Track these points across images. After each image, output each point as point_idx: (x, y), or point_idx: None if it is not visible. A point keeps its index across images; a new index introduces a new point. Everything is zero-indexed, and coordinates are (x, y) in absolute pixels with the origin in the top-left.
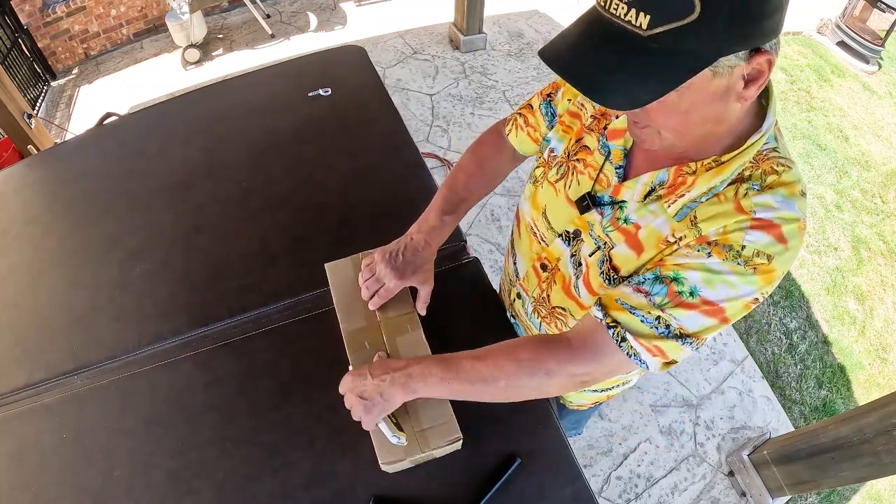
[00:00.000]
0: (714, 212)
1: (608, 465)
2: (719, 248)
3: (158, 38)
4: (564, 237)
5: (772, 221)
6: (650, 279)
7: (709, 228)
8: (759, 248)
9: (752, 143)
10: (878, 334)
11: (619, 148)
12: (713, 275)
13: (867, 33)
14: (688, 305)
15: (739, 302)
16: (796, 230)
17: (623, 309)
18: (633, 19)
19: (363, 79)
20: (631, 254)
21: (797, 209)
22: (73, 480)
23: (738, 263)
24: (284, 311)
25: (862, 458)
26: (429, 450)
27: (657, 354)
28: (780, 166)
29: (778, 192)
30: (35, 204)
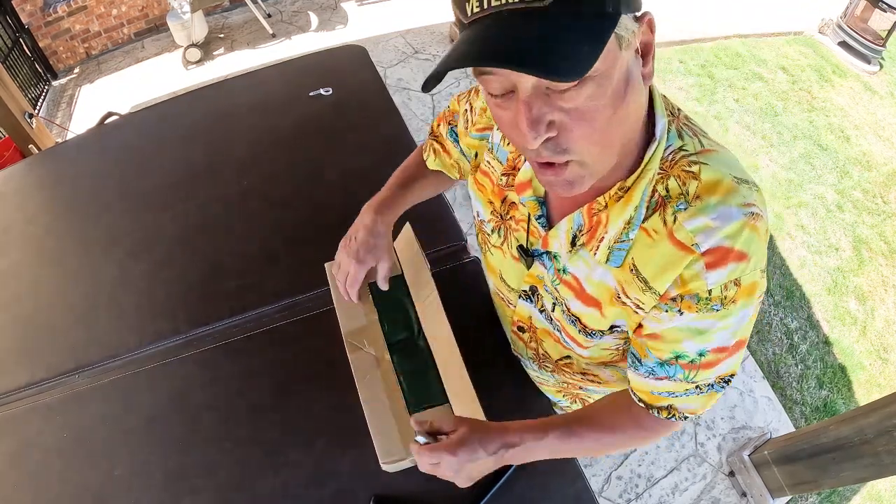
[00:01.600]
0: (655, 259)
1: (608, 464)
2: (688, 303)
3: (159, 37)
4: (524, 296)
5: (721, 247)
6: (656, 366)
7: (663, 285)
8: (723, 282)
9: (650, 155)
10: (879, 335)
11: (531, 200)
12: (703, 333)
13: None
14: (708, 364)
15: (743, 327)
16: (749, 233)
17: (665, 398)
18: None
19: (364, 78)
20: (592, 311)
21: (737, 210)
22: (73, 479)
23: (714, 309)
24: (284, 311)
25: (862, 459)
26: None
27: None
28: (693, 165)
29: (708, 203)
30: (36, 203)
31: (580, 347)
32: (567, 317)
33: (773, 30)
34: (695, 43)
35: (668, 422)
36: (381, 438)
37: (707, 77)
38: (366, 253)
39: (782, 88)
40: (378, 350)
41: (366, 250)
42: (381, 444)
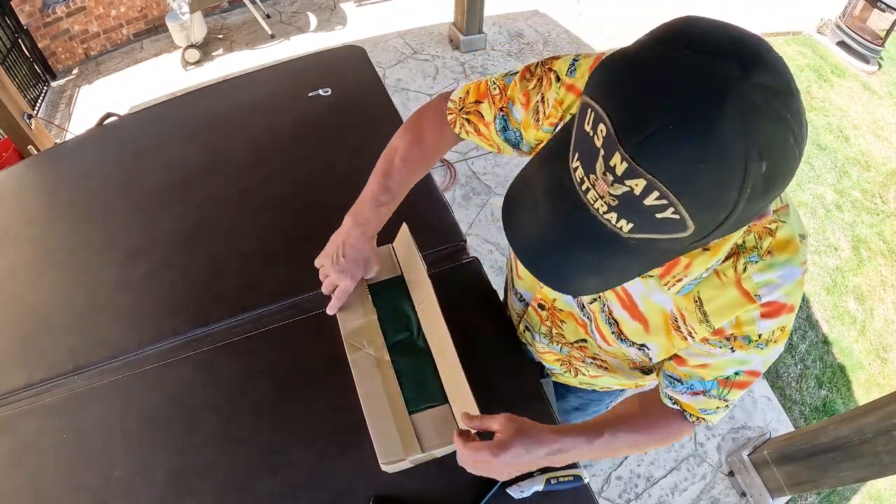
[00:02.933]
0: (719, 298)
1: (608, 464)
2: (740, 343)
3: (158, 38)
4: None
5: (778, 303)
6: (697, 383)
7: (720, 321)
8: (773, 328)
9: None
10: (879, 334)
11: None
12: (744, 363)
13: (867, 33)
14: (740, 384)
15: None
16: (800, 289)
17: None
18: (613, 220)
19: (363, 79)
20: (637, 326)
21: (798, 270)
22: (73, 480)
23: (759, 347)
24: (284, 311)
25: (862, 459)
26: (428, 450)
27: None
28: (773, 223)
29: (777, 260)
30: (35, 204)
31: (604, 342)
32: (605, 316)
33: (772, 30)
34: None
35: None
36: (381, 439)
37: None
38: (357, 269)
39: None
40: (377, 350)
41: (356, 267)
42: (381, 445)
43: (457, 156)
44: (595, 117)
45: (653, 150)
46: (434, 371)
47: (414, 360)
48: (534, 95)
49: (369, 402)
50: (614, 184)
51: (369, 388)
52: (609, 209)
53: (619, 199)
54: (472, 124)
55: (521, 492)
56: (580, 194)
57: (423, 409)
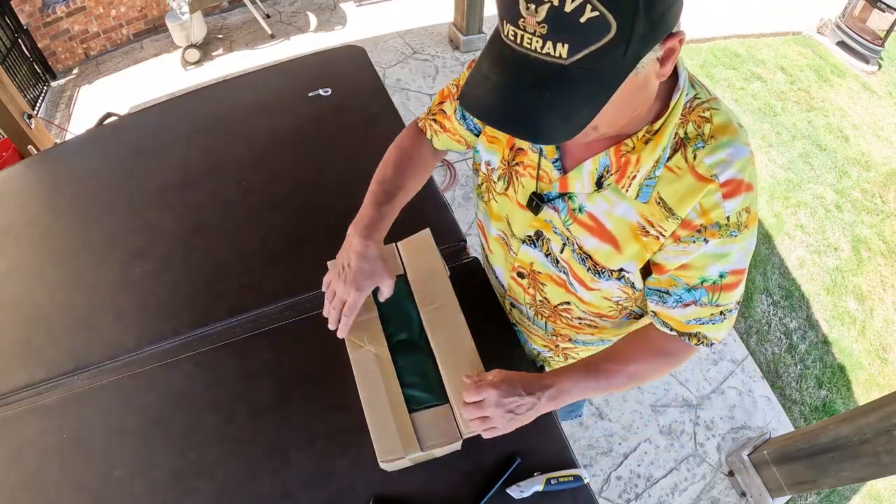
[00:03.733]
0: (678, 190)
1: (608, 464)
2: (711, 231)
3: (158, 38)
4: (528, 241)
5: (735, 179)
6: (684, 293)
7: (685, 210)
8: (739, 209)
9: (675, 102)
10: (878, 334)
11: None
12: (724, 256)
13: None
14: (728, 286)
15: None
16: (752, 167)
17: (694, 325)
18: (552, 51)
19: (363, 79)
20: (608, 248)
21: (743, 147)
22: (73, 480)
23: (732, 235)
24: (284, 311)
25: (862, 458)
26: (428, 449)
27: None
28: (707, 111)
29: (722, 141)
30: (35, 204)
31: (585, 289)
32: (578, 255)
33: (772, 30)
34: (693, 43)
35: (694, 347)
36: (380, 437)
37: (706, 77)
38: (364, 280)
39: (781, 88)
40: (379, 348)
41: (364, 277)
42: (380, 443)
43: (457, 156)
44: None
45: None
46: (435, 370)
47: (415, 358)
48: None
49: (370, 401)
50: (537, 9)
51: (370, 386)
52: (542, 40)
53: (547, 23)
54: (437, 123)
55: (521, 492)
56: (516, 47)
57: (423, 409)
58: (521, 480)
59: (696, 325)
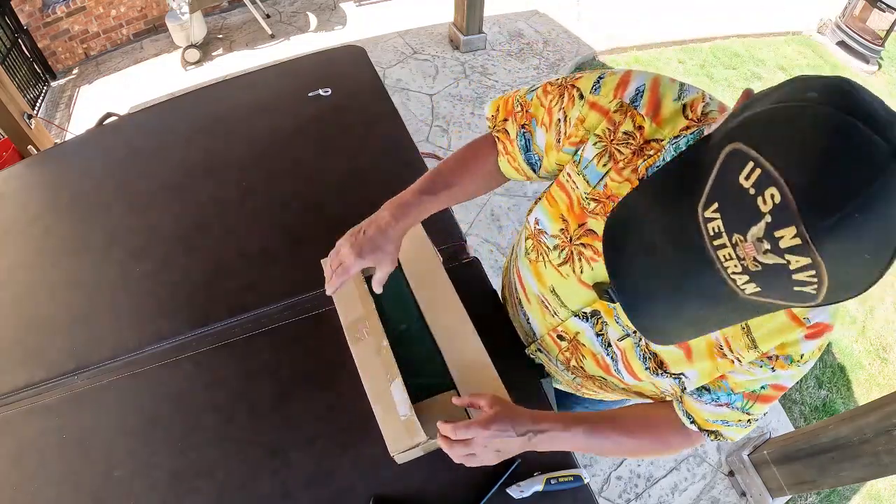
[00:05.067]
0: (768, 324)
1: (608, 464)
2: (781, 362)
3: (158, 38)
4: (581, 316)
5: (823, 323)
6: (723, 394)
7: (768, 346)
8: (814, 348)
9: None
10: (878, 334)
11: None
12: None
13: (867, 33)
14: (765, 398)
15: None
16: (839, 307)
17: (717, 425)
18: (738, 280)
19: (363, 79)
20: (680, 354)
21: None
22: (73, 480)
23: (798, 366)
24: (284, 311)
25: (862, 458)
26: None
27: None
28: None
29: None
30: (35, 204)
31: (633, 379)
32: (640, 352)
33: (772, 30)
34: (693, 43)
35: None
36: (389, 429)
37: (706, 77)
38: (369, 251)
39: None
40: (378, 339)
41: (370, 248)
42: (390, 435)
43: None
44: (763, 176)
45: (833, 236)
46: (439, 357)
47: (418, 347)
48: (556, 112)
49: (375, 393)
50: (768, 253)
51: (374, 378)
52: (743, 272)
53: (765, 268)
54: (501, 143)
55: (520, 492)
56: (709, 248)
57: (430, 396)
58: (522, 480)
59: (718, 425)
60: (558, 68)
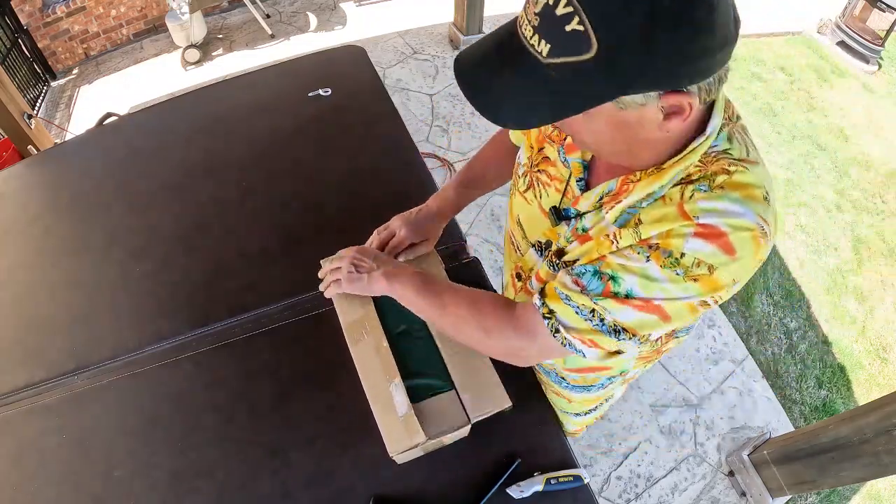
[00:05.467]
0: (658, 214)
1: (608, 464)
2: (658, 254)
3: (158, 38)
4: (537, 247)
5: (718, 229)
6: (589, 272)
7: (650, 231)
8: (699, 257)
9: (693, 147)
10: (879, 334)
11: (577, 161)
12: (650, 281)
13: (867, 33)
14: (622, 300)
15: (679, 303)
16: (749, 239)
17: (559, 298)
18: (536, 44)
19: (363, 79)
20: (575, 243)
21: (753, 216)
22: (73, 480)
23: (676, 273)
24: (284, 311)
25: (862, 458)
26: (437, 436)
27: (593, 346)
28: (732, 167)
29: (729, 195)
30: (35, 204)
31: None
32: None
33: (772, 30)
34: None
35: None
36: (388, 430)
37: None
38: (420, 233)
39: (781, 88)
40: (378, 339)
41: (422, 231)
42: (389, 435)
43: (457, 155)
44: None
45: None
46: (439, 358)
47: (418, 347)
48: None
49: (374, 394)
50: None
51: (373, 378)
52: (533, 30)
53: (539, 16)
54: None
55: (520, 492)
56: (518, 28)
57: (430, 396)
58: (521, 480)
59: (560, 301)
60: None
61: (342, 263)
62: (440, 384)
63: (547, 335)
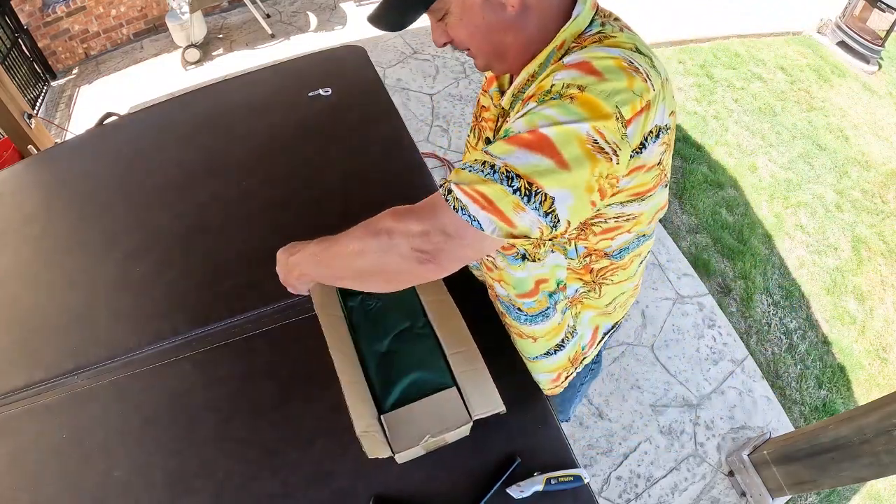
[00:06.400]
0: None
1: (608, 464)
2: (534, 97)
3: (158, 37)
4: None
5: (582, 61)
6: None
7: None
8: (567, 81)
9: (563, 30)
10: (878, 334)
11: (495, 91)
12: (532, 115)
13: (867, 33)
14: (508, 140)
15: (566, 130)
16: (614, 66)
17: (458, 168)
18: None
19: (363, 79)
20: None
21: (619, 51)
22: (72, 480)
23: (552, 98)
24: (284, 310)
25: (862, 459)
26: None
27: (486, 207)
28: (606, 38)
29: (595, 46)
30: (35, 204)
31: None
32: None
33: (772, 30)
34: (693, 43)
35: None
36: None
37: (706, 77)
38: None
39: (781, 88)
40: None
41: None
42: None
43: (457, 155)
44: None
45: None
46: (441, 355)
47: (419, 346)
48: None
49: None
50: None
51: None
52: None
53: None
54: None
55: (521, 492)
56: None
57: (431, 393)
58: (522, 480)
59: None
60: None
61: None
62: (442, 381)
63: (442, 207)
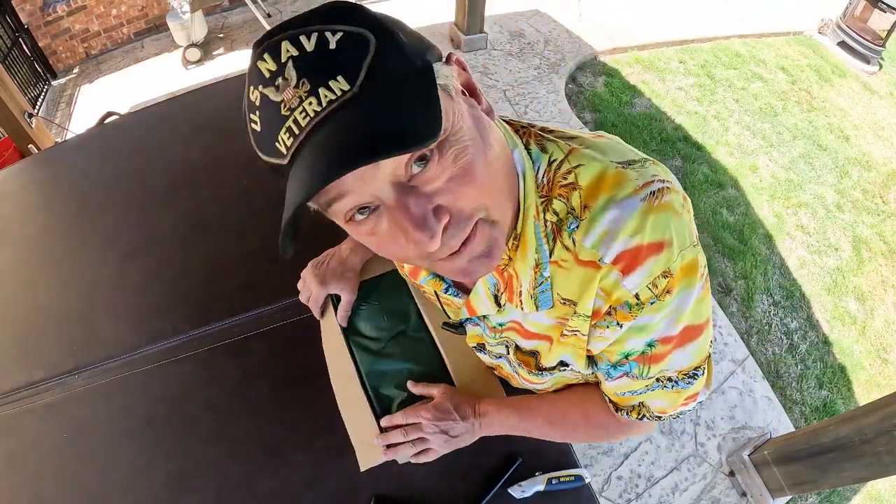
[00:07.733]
0: (573, 285)
1: (609, 464)
2: (622, 313)
3: (159, 37)
4: (478, 348)
5: (628, 249)
6: (609, 369)
7: (586, 303)
8: (647, 282)
9: (523, 191)
10: (879, 335)
11: (431, 278)
12: (643, 329)
13: (868, 33)
14: (658, 357)
15: (688, 312)
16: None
17: (631, 397)
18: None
19: None
20: (543, 344)
21: (629, 200)
22: (72, 480)
23: (650, 305)
24: (284, 310)
25: (862, 459)
26: None
27: (692, 397)
28: (569, 175)
29: (596, 207)
30: (35, 203)
31: (538, 385)
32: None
33: (773, 30)
34: (694, 43)
35: (640, 422)
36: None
37: (707, 77)
38: (331, 279)
39: (782, 88)
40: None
41: (332, 277)
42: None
43: None
44: None
45: None
46: (437, 357)
47: (415, 349)
48: None
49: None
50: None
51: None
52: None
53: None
54: None
55: (522, 492)
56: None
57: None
58: (523, 480)
59: (633, 397)
60: (559, 68)
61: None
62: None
63: (646, 423)
